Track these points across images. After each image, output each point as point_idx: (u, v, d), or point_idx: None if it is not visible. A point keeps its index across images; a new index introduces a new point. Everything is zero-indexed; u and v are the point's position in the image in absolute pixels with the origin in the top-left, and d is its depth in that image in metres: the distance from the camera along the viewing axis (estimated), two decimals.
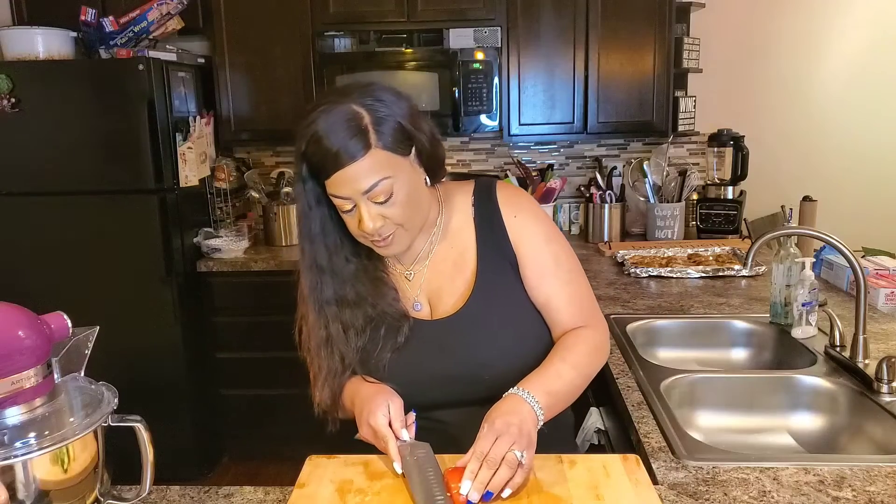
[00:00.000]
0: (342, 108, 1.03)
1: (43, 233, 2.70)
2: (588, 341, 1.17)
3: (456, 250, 1.21)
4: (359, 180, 1.03)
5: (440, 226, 1.22)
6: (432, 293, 1.21)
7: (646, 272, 2.35)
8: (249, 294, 2.88)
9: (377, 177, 1.03)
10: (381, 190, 1.04)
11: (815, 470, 1.06)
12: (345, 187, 1.04)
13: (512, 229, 1.20)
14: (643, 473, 1.02)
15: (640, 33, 2.89)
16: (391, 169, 1.05)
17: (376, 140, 1.03)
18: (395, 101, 1.07)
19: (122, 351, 2.55)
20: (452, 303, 1.18)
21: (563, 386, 1.10)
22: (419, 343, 1.16)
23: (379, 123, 1.03)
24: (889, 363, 1.33)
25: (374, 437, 1.06)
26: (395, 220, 1.08)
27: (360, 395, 1.12)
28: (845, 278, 2.07)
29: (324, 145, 1.02)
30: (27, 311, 0.85)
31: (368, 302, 1.16)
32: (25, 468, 0.78)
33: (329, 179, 1.04)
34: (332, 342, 1.15)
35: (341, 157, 1.01)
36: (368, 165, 1.02)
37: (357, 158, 1.01)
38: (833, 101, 3.22)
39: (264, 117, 3.03)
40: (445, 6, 2.87)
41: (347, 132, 1.01)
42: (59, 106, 2.60)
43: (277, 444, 2.96)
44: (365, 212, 1.05)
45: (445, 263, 1.21)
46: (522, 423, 0.99)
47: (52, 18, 2.77)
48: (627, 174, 3.20)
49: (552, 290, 1.18)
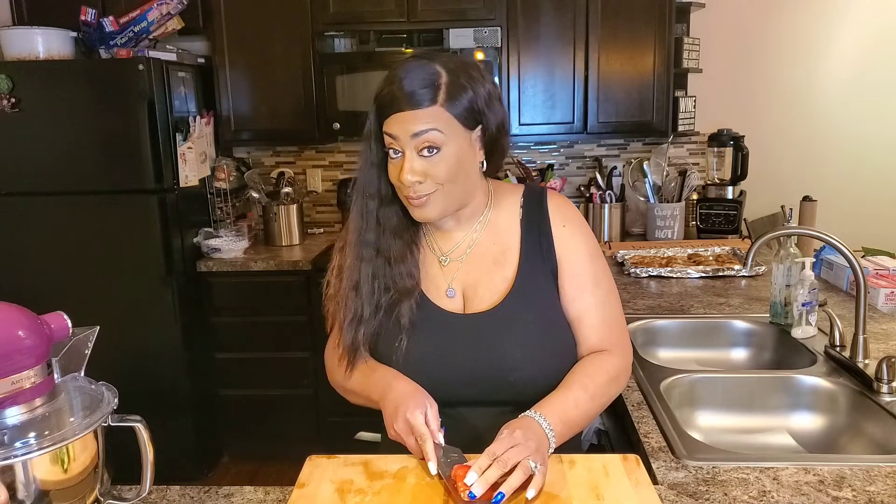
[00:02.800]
0: (428, 63, 1.08)
1: (43, 233, 2.70)
2: (610, 371, 1.16)
3: (498, 247, 1.20)
4: (412, 123, 1.06)
5: (486, 219, 1.22)
6: (468, 285, 1.19)
7: (646, 272, 2.35)
8: (249, 294, 2.88)
9: (430, 125, 1.06)
10: (428, 138, 1.06)
11: (815, 470, 1.06)
12: (398, 126, 1.06)
13: (559, 238, 1.19)
14: (643, 473, 1.02)
15: (640, 33, 2.89)
16: (446, 127, 1.07)
17: (444, 100, 1.06)
18: (479, 79, 1.10)
19: (122, 351, 2.56)
20: (488, 299, 1.17)
21: (579, 416, 1.10)
22: (450, 335, 1.15)
23: (454, 89, 1.07)
24: (889, 363, 1.33)
25: (407, 434, 1.03)
26: (436, 178, 1.09)
27: (395, 390, 1.09)
28: (845, 278, 2.07)
29: (396, 85, 1.06)
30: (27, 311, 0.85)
31: (391, 262, 1.16)
32: (25, 468, 0.78)
33: (388, 119, 1.07)
34: (362, 286, 1.16)
35: (407, 99, 1.05)
36: (426, 115, 1.06)
37: (419, 107, 1.05)
38: (833, 101, 3.22)
39: (264, 117, 3.03)
40: (445, 6, 2.87)
41: (421, 82, 1.06)
42: (59, 106, 2.60)
43: (277, 444, 2.97)
44: (408, 160, 1.07)
45: (486, 258, 1.20)
46: (540, 442, 1.00)
47: (52, 18, 2.77)
48: (627, 174, 3.20)
49: (587, 307, 1.18)
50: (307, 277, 2.83)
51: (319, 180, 3.42)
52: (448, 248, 1.22)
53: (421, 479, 1.02)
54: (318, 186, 3.41)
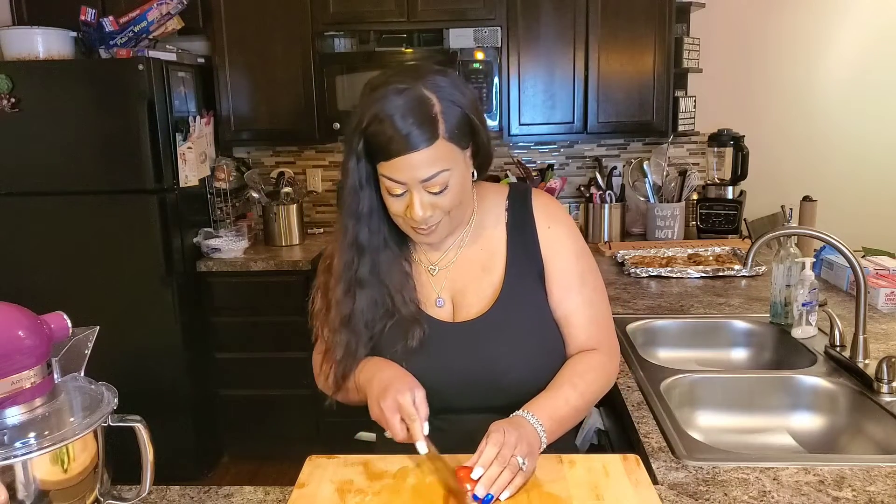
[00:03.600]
0: (414, 91, 1.01)
1: (43, 233, 2.70)
2: (598, 369, 1.16)
3: (485, 252, 1.20)
4: (419, 168, 1.02)
5: (471, 225, 1.21)
6: (457, 292, 1.19)
7: (646, 272, 2.35)
8: (249, 294, 2.88)
9: (438, 168, 1.03)
10: (438, 181, 1.04)
11: (815, 470, 1.06)
12: (403, 173, 1.02)
13: (544, 240, 1.19)
14: (643, 473, 1.02)
15: (640, 33, 2.89)
16: (451, 161, 1.04)
17: (444, 131, 1.02)
18: (463, 91, 1.06)
19: (122, 351, 2.56)
20: (477, 305, 1.17)
21: (569, 413, 1.10)
22: (440, 345, 1.14)
23: (448, 113, 1.02)
24: (889, 363, 1.33)
25: (393, 412, 1.01)
26: (444, 209, 1.08)
27: (385, 372, 1.09)
28: (845, 278, 2.07)
29: (389, 127, 0.99)
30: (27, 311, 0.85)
31: (388, 291, 1.15)
32: (25, 468, 0.78)
33: (387, 162, 1.02)
34: (355, 321, 1.14)
35: (407, 142, 0.99)
36: (432, 155, 1.01)
37: (421, 148, 1.00)
38: (833, 101, 3.22)
39: (264, 117, 3.03)
40: (445, 6, 2.87)
41: (417, 118, 0.99)
42: (59, 106, 2.60)
43: (277, 444, 2.97)
44: (417, 199, 1.04)
45: (473, 264, 1.19)
46: (531, 442, 1.00)
47: (52, 18, 2.77)
48: (627, 174, 3.20)
49: (574, 307, 1.18)
50: (307, 277, 2.83)
51: (319, 180, 3.42)
52: (436, 258, 1.21)
53: (421, 480, 1.02)
54: (318, 186, 3.41)
